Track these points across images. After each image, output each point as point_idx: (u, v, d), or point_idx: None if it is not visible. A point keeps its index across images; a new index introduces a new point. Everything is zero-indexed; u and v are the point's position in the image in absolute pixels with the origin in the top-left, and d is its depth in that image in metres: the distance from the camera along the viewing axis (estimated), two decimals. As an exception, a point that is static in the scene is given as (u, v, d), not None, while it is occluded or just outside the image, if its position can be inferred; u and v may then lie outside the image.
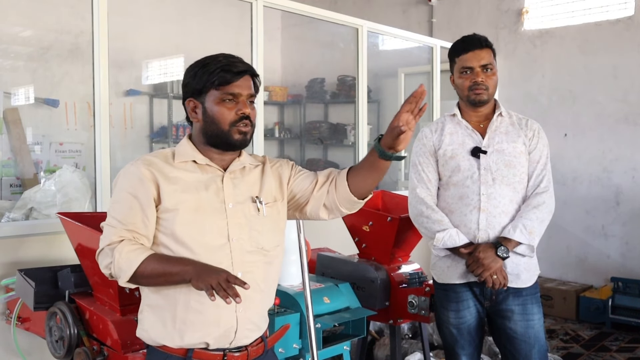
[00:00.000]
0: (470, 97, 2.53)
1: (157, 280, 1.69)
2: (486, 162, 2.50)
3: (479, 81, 2.50)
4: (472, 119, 2.58)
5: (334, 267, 3.13)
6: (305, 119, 7.30)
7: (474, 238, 2.48)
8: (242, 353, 1.80)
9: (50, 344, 2.48)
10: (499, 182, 2.48)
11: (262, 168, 1.91)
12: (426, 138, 2.63)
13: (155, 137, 6.18)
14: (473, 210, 2.48)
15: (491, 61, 2.55)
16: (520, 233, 2.42)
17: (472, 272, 2.43)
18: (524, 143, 2.54)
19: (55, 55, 5.37)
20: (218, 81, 1.74)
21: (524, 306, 2.49)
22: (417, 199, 2.59)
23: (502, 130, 2.55)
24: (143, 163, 1.76)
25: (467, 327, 2.55)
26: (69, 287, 2.52)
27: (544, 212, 2.47)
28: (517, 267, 2.48)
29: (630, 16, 5.32)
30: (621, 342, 4.74)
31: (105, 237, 1.73)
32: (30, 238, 3.00)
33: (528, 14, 5.86)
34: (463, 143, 2.54)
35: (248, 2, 3.96)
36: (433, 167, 2.59)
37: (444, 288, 2.59)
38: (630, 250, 5.36)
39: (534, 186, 2.52)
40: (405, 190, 5.95)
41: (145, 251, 1.68)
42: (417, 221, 2.61)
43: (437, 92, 5.58)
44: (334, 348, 2.71)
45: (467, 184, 2.50)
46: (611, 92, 5.37)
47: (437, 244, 2.50)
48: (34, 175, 4.98)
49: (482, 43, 2.55)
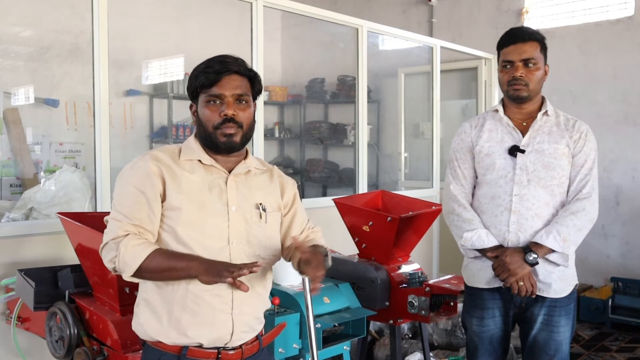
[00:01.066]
0: (509, 93, 2.41)
1: (162, 275, 1.68)
2: (523, 161, 2.38)
3: (518, 76, 2.35)
4: (516, 116, 2.45)
5: (334, 267, 3.11)
6: (305, 119, 7.29)
7: (503, 240, 2.37)
8: (237, 351, 1.80)
9: (50, 344, 2.48)
10: (535, 184, 2.36)
11: (269, 175, 1.91)
12: (465, 133, 2.54)
13: (155, 137, 6.18)
14: (504, 211, 2.38)
15: (534, 55, 2.36)
16: (554, 240, 2.28)
17: (498, 276, 2.33)
18: (568, 145, 2.39)
19: (55, 55, 5.37)
20: (202, 82, 1.74)
21: (550, 316, 2.38)
22: (450, 196, 2.51)
23: (545, 130, 2.41)
24: (151, 158, 1.75)
25: (489, 337, 2.46)
26: (69, 287, 2.52)
27: (582, 219, 2.32)
28: (550, 275, 2.35)
29: (630, 16, 5.32)
30: (621, 342, 4.74)
31: (109, 231, 1.71)
32: (30, 238, 3.00)
33: (528, 14, 5.86)
34: (502, 140, 2.44)
35: (248, 2, 3.96)
36: (470, 163, 2.50)
37: (470, 292, 2.52)
38: (630, 250, 5.36)
39: (575, 191, 2.38)
40: (405, 190, 5.96)
41: (150, 246, 1.67)
42: (448, 219, 2.52)
43: (437, 92, 5.57)
44: (334, 348, 2.70)
45: (500, 184, 2.40)
46: (611, 92, 5.37)
47: (465, 244, 2.42)
48: (34, 175, 4.98)
49: (526, 36, 2.38)
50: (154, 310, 1.76)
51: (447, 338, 4.17)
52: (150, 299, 1.76)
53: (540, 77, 2.39)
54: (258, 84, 1.83)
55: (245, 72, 1.78)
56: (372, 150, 6.10)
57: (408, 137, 6.57)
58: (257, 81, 1.82)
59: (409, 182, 6.45)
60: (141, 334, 1.80)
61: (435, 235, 5.61)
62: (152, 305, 1.76)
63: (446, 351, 4.08)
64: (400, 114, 6.54)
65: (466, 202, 2.48)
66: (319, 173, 7.09)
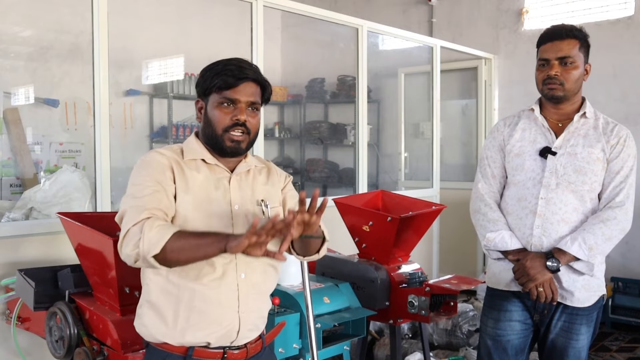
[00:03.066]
0: (543, 92, 2.33)
1: (186, 255, 1.59)
2: (553, 164, 2.29)
3: (553, 75, 2.27)
4: (552, 117, 2.37)
5: (334, 267, 3.12)
6: (305, 118, 7.29)
7: (527, 244, 2.30)
8: (242, 351, 1.81)
9: (50, 344, 2.48)
10: (563, 188, 2.27)
11: (267, 171, 1.93)
12: (497, 131, 2.46)
13: (155, 137, 6.18)
14: (529, 214, 2.30)
15: (571, 54, 2.28)
16: (579, 247, 2.19)
17: (517, 280, 2.27)
18: (603, 150, 2.28)
19: (55, 55, 5.37)
20: (219, 84, 1.74)
21: (571, 324, 2.30)
22: (478, 195, 2.44)
23: (581, 133, 2.32)
24: (159, 153, 1.76)
25: (503, 342, 2.37)
26: (69, 287, 2.51)
27: (612, 228, 2.22)
28: (574, 284, 2.26)
29: (630, 16, 5.32)
30: (621, 342, 4.74)
31: (130, 219, 1.64)
32: (30, 238, 3.00)
33: (528, 14, 5.85)
34: (534, 141, 2.35)
35: (248, 2, 3.96)
36: (500, 162, 2.42)
37: (490, 293, 2.46)
38: (630, 251, 5.36)
39: (608, 199, 2.27)
40: (405, 190, 5.96)
41: (174, 226, 1.63)
42: (474, 218, 2.45)
43: (437, 92, 5.57)
44: (334, 348, 2.71)
45: (527, 186, 2.32)
46: (611, 92, 5.37)
47: (488, 244, 2.35)
48: (34, 175, 4.98)
49: (564, 34, 2.29)
50: (159, 311, 1.75)
51: (447, 338, 4.17)
52: (154, 300, 1.76)
53: (577, 76, 2.31)
54: (268, 92, 1.85)
55: (261, 80, 1.81)
56: (372, 150, 6.10)
57: (408, 137, 6.57)
58: (268, 90, 1.84)
59: (409, 182, 6.45)
60: (146, 335, 1.80)
61: (435, 235, 5.61)
62: (157, 306, 1.75)
63: (446, 351, 4.08)
64: (400, 114, 6.54)
65: (493, 201, 2.41)
66: (319, 173, 7.09)
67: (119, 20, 3.70)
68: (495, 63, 6.10)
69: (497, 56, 6.06)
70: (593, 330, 2.37)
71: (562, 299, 2.28)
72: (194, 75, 6.05)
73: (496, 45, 6.07)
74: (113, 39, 3.30)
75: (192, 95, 6.07)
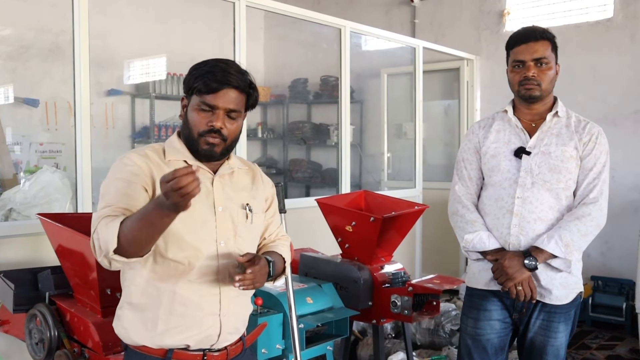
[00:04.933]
0: (520, 92, 2.35)
1: (141, 234, 1.54)
2: (528, 164, 2.33)
3: (530, 76, 2.30)
4: (525, 117, 2.40)
5: (317, 268, 3.13)
6: (288, 119, 7.29)
7: (505, 243, 2.33)
8: (222, 353, 1.81)
9: (30, 347, 2.45)
10: (539, 187, 2.31)
11: (252, 176, 1.91)
12: (472, 134, 2.50)
13: (137, 137, 6.14)
14: (506, 213, 2.33)
15: (546, 54, 2.31)
16: (555, 245, 2.22)
17: (496, 279, 2.29)
18: (576, 147, 2.32)
19: (35, 54, 5.31)
20: (199, 87, 1.71)
21: (550, 322, 2.33)
22: (455, 197, 2.47)
23: (554, 132, 2.35)
24: (138, 155, 1.72)
25: (483, 342, 2.39)
26: (49, 289, 2.49)
27: (587, 224, 2.25)
28: (552, 282, 2.30)
29: (609, 18, 5.39)
30: (601, 339, 4.79)
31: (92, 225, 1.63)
32: (9, 239, 2.97)
33: (509, 16, 5.91)
34: (508, 142, 2.39)
35: (231, 2, 3.95)
36: (476, 164, 2.46)
37: (470, 292, 2.48)
38: (609, 250, 5.42)
39: (582, 195, 2.31)
40: (387, 190, 5.97)
41: (121, 217, 1.58)
42: (452, 220, 2.48)
43: (420, 93, 5.60)
44: (317, 348, 2.71)
45: (504, 186, 2.36)
46: (591, 93, 5.43)
47: (467, 245, 2.37)
48: (13, 175, 4.92)
49: (537, 35, 2.33)
50: (139, 313, 1.74)
51: (430, 337, 4.19)
52: (135, 303, 1.74)
53: (552, 76, 2.35)
54: (254, 99, 1.80)
55: (245, 88, 1.75)
56: (355, 151, 6.11)
57: (391, 137, 6.60)
58: (253, 97, 1.80)
59: (391, 182, 6.48)
60: (124, 337, 1.78)
61: (417, 235, 5.64)
62: (137, 309, 1.74)
63: (429, 350, 4.10)
64: (383, 115, 6.57)
65: (470, 203, 2.44)
66: (302, 173, 7.09)
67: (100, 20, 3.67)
68: (477, 64, 6.14)
69: (479, 57, 6.11)
70: (571, 328, 2.40)
71: (541, 297, 2.31)
72: (176, 75, 6.02)
73: (478, 47, 6.12)
74: (94, 38, 3.27)
75: (174, 95, 6.04)
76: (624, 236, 5.19)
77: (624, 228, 5.19)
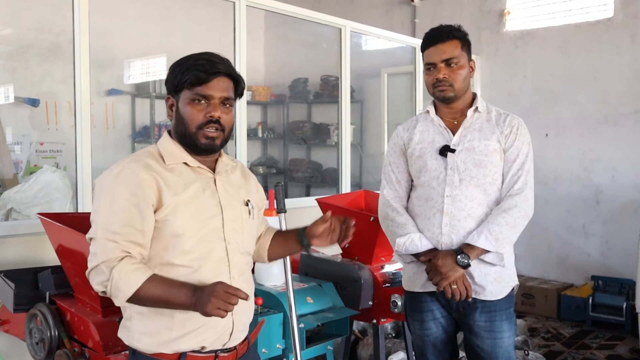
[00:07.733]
0: (435, 94, 2.36)
1: (155, 304, 1.63)
2: (453, 161, 2.32)
3: (441, 77, 2.30)
4: (447, 116, 2.41)
5: (317, 267, 3.13)
6: (289, 118, 7.29)
7: (437, 243, 2.30)
8: (231, 352, 1.80)
9: (30, 347, 2.45)
10: (467, 184, 2.30)
11: (240, 172, 1.92)
12: (397, 137, 2.49)
13: (137, 137, 6.14)
14: (436, 213, 2.31)
15: (455, 54, 2.30)
16: (485, 239, 2.21)
17: (431, 280, 2.26)
18: (499, 140, 2.32)
19: (35, 54, 5.31)
20: (190, 80, 1.69)
21: (492, 322, 2.31)
22: (384, 201, 2.46)
23: (475, 127, 2.35)
24: (142, 167, 1.67)
25: (432, 340, 2.41)
26: (50, 289, 2.49)
27: (515, 216, 2.25)
28: (486, 277, 2.28)
29: (609, 18, 5.39)
30: (601, 339, 4.80)
31: (99, 252, 1.61)
32: (9, 239, 2.97)
33: (510, 15, 5.91)
34: (433, 141, 2.38)
35: (231, 1, 3.95)
36: (403, 167, 2.45)
37: (410, 296, 2.46)
38: (610, 249, 5.43)
39: (507, 187, 2.31)
40: (388, 190, 5.96)
41: (145, 272, 1.60)
42: (383, 224, 2.46)
43: (420, 92, 5.61)
44: (317, 348, 2.71)
45: (432, 185, 2.34)
46: (591, 92, 5.44)
47: (399, 249, 2.34)
48: (13, 175, 4.92)
49: (444, 35, 2.31)
50: (153, 322, 1.70)
51: (430, 337, 4.19)
52: (146, 312, 1.70)
53: (465, 75, 2.34)
54: (242, 86, 1.80)
55: (234, 74, 1.76)
56: (355, 150, 6.11)
57: (391, 137, 6.59)
58: (242, 84, 1.80)
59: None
60: (139, 348, 1.73)
61: (418, 235, 5.63)
62: (150, 317, 1.70)
63: (429, 350, 4.09)
64: (383, 114, 6.57)
65: (399, 206, 2.42)
66: (302, 173, 7.09)
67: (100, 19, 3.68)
68: (477, 64, 6.14)
69: (479, 57, 6.11)
70: (515, 329, 2.39)
71: (476, 294, 2.29)
72: (176, 75, 6.00)
73: (478, 46, 6.11)
74: (94, 38, 3.28)
75: (174, 95, 6.02)
76: (624, 236, 5.20)
77: (624, 228, 5.20)
